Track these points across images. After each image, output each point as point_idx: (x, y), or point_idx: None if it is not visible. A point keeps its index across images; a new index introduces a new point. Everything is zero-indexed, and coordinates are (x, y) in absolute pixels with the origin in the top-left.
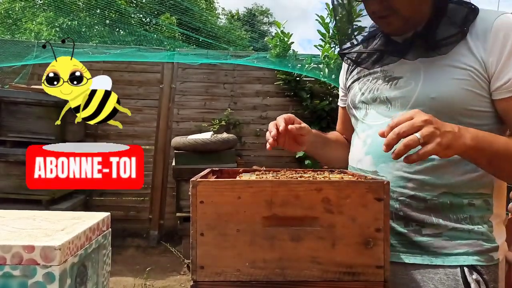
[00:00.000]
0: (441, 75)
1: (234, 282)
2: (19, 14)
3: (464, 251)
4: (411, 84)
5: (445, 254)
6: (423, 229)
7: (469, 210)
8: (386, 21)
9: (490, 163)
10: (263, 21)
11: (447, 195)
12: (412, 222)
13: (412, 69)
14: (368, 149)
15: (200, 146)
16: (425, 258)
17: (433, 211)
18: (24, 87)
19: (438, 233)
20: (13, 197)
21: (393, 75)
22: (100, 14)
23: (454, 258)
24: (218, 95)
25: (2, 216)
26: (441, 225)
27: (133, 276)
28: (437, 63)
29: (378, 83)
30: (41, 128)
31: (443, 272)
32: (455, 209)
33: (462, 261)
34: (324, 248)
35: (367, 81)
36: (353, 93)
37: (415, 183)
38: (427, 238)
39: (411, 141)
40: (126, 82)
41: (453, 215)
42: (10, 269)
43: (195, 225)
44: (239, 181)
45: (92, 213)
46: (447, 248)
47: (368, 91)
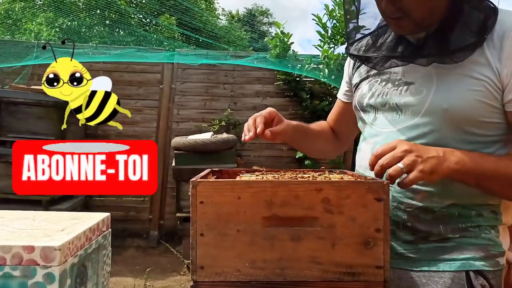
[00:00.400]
0: (456, 84)
1: (234, 282)
2: (19, 14)
3: (471, 256)
4: (422, 92)
5: (452, 259)
6: (430, 237)
7: (477, 221)
8: (397, 23)
9: (478, 184)
10: (263, 22)
11: (455, 206)
12: (419, 233)
13: (424, 75)
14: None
15: (200, 146)
16: (431, 264)
17: (441, 222)
18: (24, 87)
19: (444, 239)
20: (13, 197)
21: (403, 79)
22: (100, 15)
23: (461, 263)
24: (218, 95)
25: (2, 216)
26: (446, 233)
27: (133, 276)
28: (452, 71)
29: (388, 86)
30: (41, 128)
31: (449, 276)
32: (463, 219)
33: (468, 266)
34: (324, 248)
35: (376, 83)
36: (360, 94)
37: (423, 195)
38: (435, 245)
39: (394, 171)
40: (126, 83)
41: (462, 224)
42: (10, 270)
43: (195, 225)
44: (239, 181)
45: (92, 213)
46: (454, 253)
47: (377, 95)
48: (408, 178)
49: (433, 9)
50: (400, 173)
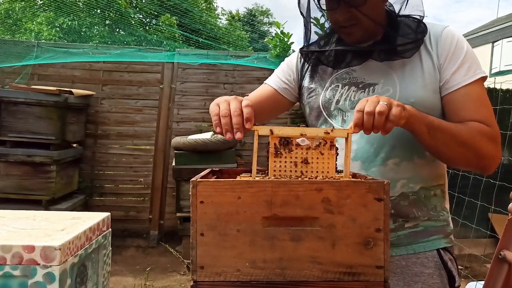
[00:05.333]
0: (414, 79)
1: (234, 282)
2: (19, 14)
3: (437, 237)
4: (389, 90)
5: (424, 241)
6: (406, 223)
7: (433, 200)
8: (348, 30)
9: (429, 131)
10: (263, 22)
11: (423, 189)
12: (399, 218)
13: (384, 75)
14: (355, 154)
15: (200, 146)
16: (409, 248)
17: (414, 206)
18: (24, 87)
19: (416, 224)
20: (13, 197)
21: (365, 81)
22: (100, 15)
23: (431, 243)
24: (218, 95)
25: (2, 216)
26: (419, 217)
27: (133, 276)
28: (406, 68)
29: (352, 89)
30: (41, 128)
31: (424, 256)
32: (426, 201)
33: (438, 245)
34: (324, 248)
35: (338, 87)
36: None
37: (402, 183)
38: (409, 231)
39: (382, 108)
40: (126, 82)
41: (424, 206)
42: (10, 269)
43: (195, 225)
44: (239, 181)
45: (92, 213)
46: (425, 236)
47: (344, 99)
48: (392, 114)
49: (378, 19)
50: (386, 108)
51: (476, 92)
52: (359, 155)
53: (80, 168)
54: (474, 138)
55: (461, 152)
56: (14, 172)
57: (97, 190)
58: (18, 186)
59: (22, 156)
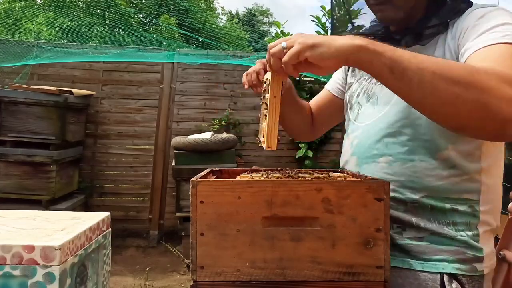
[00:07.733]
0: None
1: (234, 282)
2: (19, 14)
3: (444, 257)
4: None
5: (425, 259)
6: (405, 232)
7: (452, 216)
8: (378, 8)
9: (392, 71)
10: (263, 21)
11: (428, 198)
12: (393, 224)
13: None
14: (354, 150)
15: (200, 146)
16: (405, 261)
17: (413, 213)
18: (24, 87)
19: (420, 237)
20: (13, 197)
21: None
22: (100, 15)
23: (433, 264)
24: (218, 95)
25: (2, 216)
26: (421, 228)
27: (133, 276)
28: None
29: (373, 82)
30: (41, 128)
31: (423, 278)
32: (436, 213)
33: (441, 268)
34: (324, 248)
35: (364, 80)
36: (350, 92)
37: (395, 185)
38: (408, 242)
39: (276, 49)
40: (126, 82)
41: (434, 219)
42: (10, 269)
43: (195, 225)
44: (239, 181)
45: (92, 213)
46: (427, 253)
47: (363, 92)
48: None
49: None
50: (280, 49)
51: (502, 52)
52: (357, 149)
53: (80, 168)
54: (478, 74)
55: (455, 93)
56: (14, 172)
57: (97, 190)
58: (18, 186)
59: (22, 156)
